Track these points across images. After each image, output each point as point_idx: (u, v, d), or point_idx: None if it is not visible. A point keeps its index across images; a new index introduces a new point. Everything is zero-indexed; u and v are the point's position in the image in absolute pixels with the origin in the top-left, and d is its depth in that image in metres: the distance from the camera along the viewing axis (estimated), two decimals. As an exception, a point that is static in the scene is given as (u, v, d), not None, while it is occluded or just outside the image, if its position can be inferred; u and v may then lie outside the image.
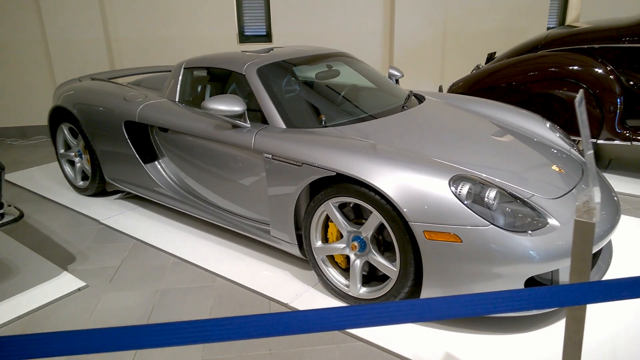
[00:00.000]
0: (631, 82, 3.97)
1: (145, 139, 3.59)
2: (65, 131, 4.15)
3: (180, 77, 3.55)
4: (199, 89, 3.52)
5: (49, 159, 5.27)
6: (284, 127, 2.80)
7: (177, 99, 3.52)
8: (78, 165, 4.19)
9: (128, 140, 3.52)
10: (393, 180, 2.19)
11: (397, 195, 2.15)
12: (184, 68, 3.55)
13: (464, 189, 2.13)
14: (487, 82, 4.65)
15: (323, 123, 2.86)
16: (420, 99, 3.46)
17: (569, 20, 6.75)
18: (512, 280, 2.11)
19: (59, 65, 6.04)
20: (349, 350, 2.22)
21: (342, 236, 2.53)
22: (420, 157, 2.37)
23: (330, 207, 2.44)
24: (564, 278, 2.33)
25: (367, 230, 2.36)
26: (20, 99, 6.22)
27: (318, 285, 2.74)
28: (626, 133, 3.96)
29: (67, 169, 4.31)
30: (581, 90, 1.74)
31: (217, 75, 3.42)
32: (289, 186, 2.57)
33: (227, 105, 2.76)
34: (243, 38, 6.57)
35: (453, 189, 2.12)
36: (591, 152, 1.46)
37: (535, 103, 4.37)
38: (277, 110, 2.86)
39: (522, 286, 2.12)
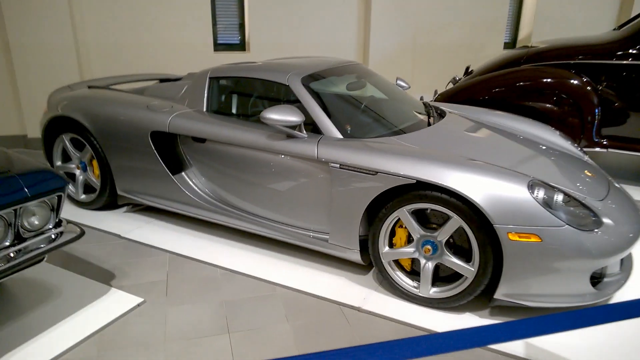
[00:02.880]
0: (605, 94, 4.49)
1: (169, 150, 3.50)
2: (67, 142, 3.91)
3: (206, 87, 3.51)
4: (231, 99, 3.50)
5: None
6: (341, 136, 2.89)
7: (204, 109, 3.48)
8: (80, 178, 3.96)
9: (155, 151, 3.41)
10: (476, 187, 2.38)
11: (482, 201, 2.34)
12: (210, 77, 3.52)
13: (540, 193, 2.38)
14: (466, 95, 5.00)
15: (377, 132, 2.99)
16: (436, 109, 3.69)
17: (521, 37, 7.42)
18: (580, 274, 2.38)
19: (23, 72, 5.59)
20: None
21: (409, 241, 2.68)
22: (491, 164, 2.58)
23: (404, 214, 2.58)
24: (610, 271, 2.66)
25: (444, 234, 2.52)
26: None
27: (379, 287, 2.87)
28: (603, 141, 4.48)
29: (65, 182, 4.05)
30: None
31: (252, 85, 3.43)
32: (359, 195, 2.68)
33: (287, 115, 2.81)
34: (217, 46, 6.49)
35: (531, 193, 2.35)
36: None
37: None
38: (331, 120, 2.95)
39: (588, 280, 2.40)
